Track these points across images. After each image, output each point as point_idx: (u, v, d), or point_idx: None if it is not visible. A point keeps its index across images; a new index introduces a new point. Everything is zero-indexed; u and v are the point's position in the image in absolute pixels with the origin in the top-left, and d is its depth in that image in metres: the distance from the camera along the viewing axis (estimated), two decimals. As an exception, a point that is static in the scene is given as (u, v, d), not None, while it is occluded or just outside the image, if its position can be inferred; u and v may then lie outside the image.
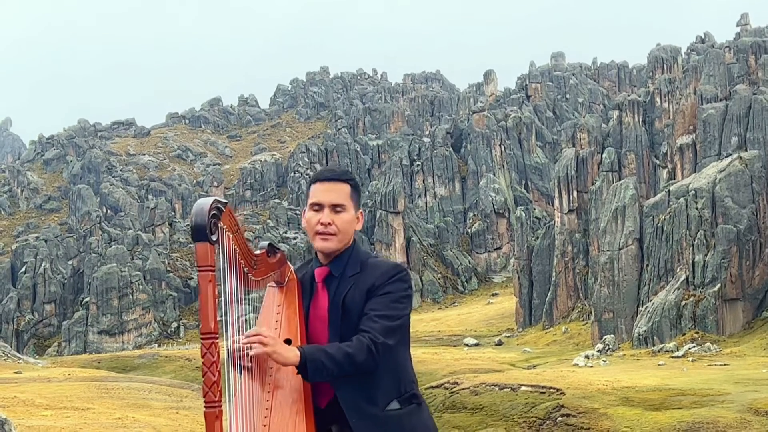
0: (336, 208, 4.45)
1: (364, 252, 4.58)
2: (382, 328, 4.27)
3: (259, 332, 4.00)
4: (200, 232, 3.77)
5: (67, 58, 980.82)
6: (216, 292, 3.81)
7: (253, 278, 4.32)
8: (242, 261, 4.20)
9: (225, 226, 3.95)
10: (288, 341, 4.32)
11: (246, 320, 4.36)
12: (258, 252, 4.35)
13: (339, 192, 4.47)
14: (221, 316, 3.97)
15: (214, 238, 3.81)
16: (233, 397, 4.11)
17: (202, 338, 3.76)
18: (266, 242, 4.43)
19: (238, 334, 4.17)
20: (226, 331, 4.09)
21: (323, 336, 4.45)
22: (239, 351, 4.16)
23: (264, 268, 4.38)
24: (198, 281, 3.79)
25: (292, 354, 4.04)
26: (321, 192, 4.47)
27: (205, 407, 3.74)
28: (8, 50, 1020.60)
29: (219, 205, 3.87)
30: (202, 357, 3.75)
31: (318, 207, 4.47)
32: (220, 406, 3.77)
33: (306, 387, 4.29)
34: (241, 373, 4.15)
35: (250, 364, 4.23)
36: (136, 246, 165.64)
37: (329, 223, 4.44)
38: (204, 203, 3.83)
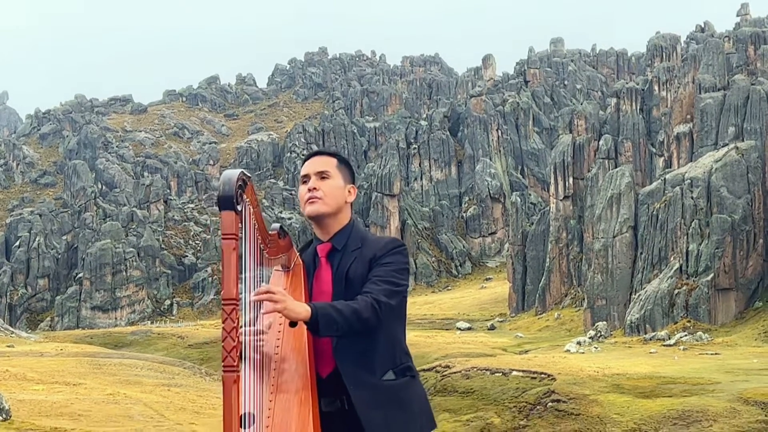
0: (321, 174, 4.69)
1: (363, 229, 4.79)
2: (384, 291, 4.42)
3: (270, 289, 4.02)
4: (227, 201, 3.86)
5: (66, 35, 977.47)
6: (238, 260, 3.89)
7: (267, 256, 4.43)
8: (259, 237, 4.31)
9: (248, 200, 4.07)
10: (293, 325, 4.40)
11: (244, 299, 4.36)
12: (271, 232, 4.45)
13: (324, 162, 4.74)
14: (241, 292, 4.03)
15: (239, 208, 3.90)
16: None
17: (223, 304, 3.82)
18: (278, 224, 4.53)
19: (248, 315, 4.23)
20: (244, 302, 4.14)
21: None
22: (246, 337, 4.21)
23: (276, 248, 4.49)
24: (221, 248, 3.86)
25: (303, 309, 4.10)
26: (308, 165, 4.76)
27: (224, 371, 3.80)
28: (7, 25, 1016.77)
29: (245, 177, 3.99)
30: (223, 322, 3.80)
31: (306, 178, 4.73)
32: (239, 370, 3.83)
33: (311, 372, 4.36)
34: (243, 360, 4.15)
35: (255, 354, 4.27)
36: (131, 223, 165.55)
37: (315, 188, 4.66)
38: (232, 174, 3.93)
